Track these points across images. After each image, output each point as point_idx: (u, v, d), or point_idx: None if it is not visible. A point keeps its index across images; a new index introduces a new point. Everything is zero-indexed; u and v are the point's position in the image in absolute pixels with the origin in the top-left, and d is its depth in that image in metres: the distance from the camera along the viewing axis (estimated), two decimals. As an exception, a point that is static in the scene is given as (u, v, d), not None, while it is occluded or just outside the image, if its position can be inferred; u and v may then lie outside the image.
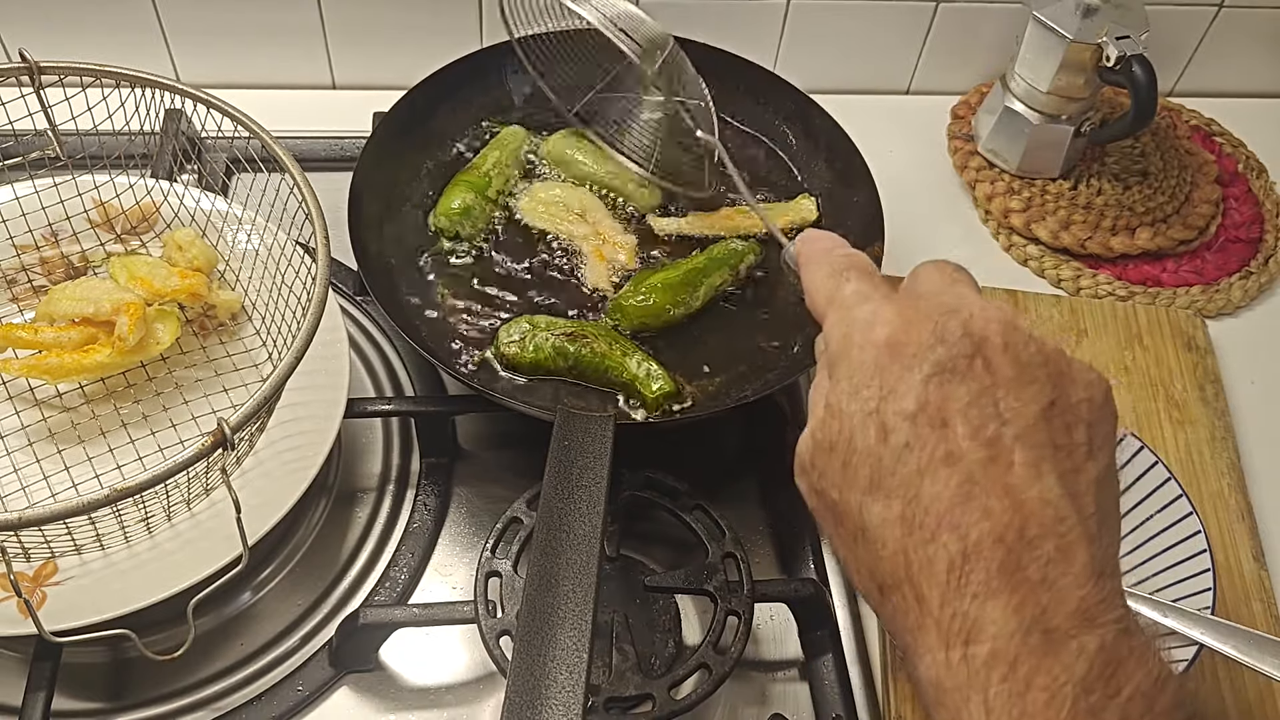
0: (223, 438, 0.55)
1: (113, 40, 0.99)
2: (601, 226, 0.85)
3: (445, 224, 0.83)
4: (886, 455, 0.41)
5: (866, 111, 0.96)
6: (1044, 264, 0.98)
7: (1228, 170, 1.06)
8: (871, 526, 0.42)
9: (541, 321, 0.77)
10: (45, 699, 0.64)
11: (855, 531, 0.43)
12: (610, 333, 0.78)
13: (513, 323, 0.77)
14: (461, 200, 0.84)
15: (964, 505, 0.40)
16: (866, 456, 0.42)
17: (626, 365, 0.76)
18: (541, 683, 0.53)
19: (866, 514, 0.42)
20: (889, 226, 0.82)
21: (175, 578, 0.64)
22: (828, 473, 0.44)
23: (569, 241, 0.85)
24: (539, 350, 0.75)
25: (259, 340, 0.78)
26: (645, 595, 0.69)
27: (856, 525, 0.43)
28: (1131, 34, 0.91)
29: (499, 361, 0.77)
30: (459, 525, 0.78)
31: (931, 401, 0.41)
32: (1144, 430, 0.85)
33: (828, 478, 0.44)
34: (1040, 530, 0.39)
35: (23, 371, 0.71)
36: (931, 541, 0.40)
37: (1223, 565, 0.78)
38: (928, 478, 0.40)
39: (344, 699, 0.70)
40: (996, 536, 0.39)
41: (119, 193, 0.80)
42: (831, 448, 0.43)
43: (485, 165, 0.86)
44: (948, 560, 0.39)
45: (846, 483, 0.43)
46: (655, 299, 0.79)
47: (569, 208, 0.86)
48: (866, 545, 0.42)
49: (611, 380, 0.76)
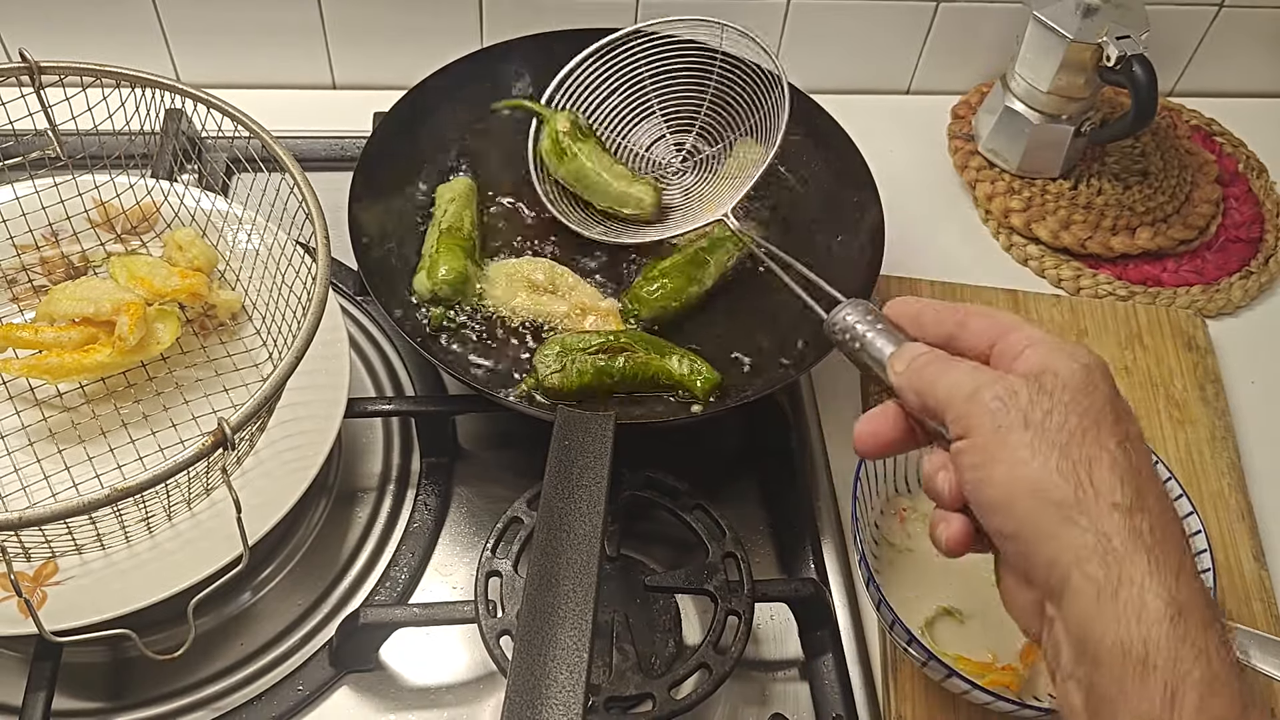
0: (223, 437, 0.55)
1: (113, 40, 0.99)
2: (578, 296, 0.82)
3: (447, 291, 0.79)
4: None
5: (866, 111, 0.96)
6: (1044, 264, 0.98)
7: (1228, 170, 1.06)
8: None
9: (571, 341, 0.76)
10: (45, 699, 0.64)
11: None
12: (643, 337, 0.78)
13: (545, 349, 0.76)
14: (461, 266, 0.80)
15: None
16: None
17: (669, 367, 0.76)
18: (542, 682, 0.53)
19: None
20: (889, 226, 0.82)
21: (175, 577, 0.64)
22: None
23: (551, 322, 0.81)
24: (582, 375, 0.75)
25: (259, 340, 0.78)
26: (645, 595, 0.69)
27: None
28: (1132, 34, 0.91)
29: (543, 394, 0.75)
30: (459, 525, 0.78)
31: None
32: (1144, 430, 0.85)
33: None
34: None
35: (23, 371, 0.71)
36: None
37: (1223, 565, 0.78)
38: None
39: (344, 699, 0.70)
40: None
41: (119, 193, 0.80)
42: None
43: (465, 226, 0.83)
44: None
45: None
46: (669, 283, 0.80)
47: (536, 285, 0.82)
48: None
49: (659, 384, 0.76)
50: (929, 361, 0.50)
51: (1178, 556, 0.43)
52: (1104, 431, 0.45)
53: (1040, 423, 0.45)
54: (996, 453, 0.46)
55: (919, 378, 0.50)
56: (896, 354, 0.52)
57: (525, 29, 0.92)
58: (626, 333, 0.79)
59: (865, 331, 0.54)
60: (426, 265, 0.81)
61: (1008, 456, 0.45)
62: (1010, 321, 0.50)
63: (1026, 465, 0.45)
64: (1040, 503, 0.44)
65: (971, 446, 0.47)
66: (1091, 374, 0.47)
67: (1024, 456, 0.45)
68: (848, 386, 0.87)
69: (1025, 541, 0.45)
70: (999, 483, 0.46)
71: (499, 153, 0.91)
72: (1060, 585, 0.44)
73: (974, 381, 0.48)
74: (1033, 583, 0.46)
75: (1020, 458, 0.45)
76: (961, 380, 0.48)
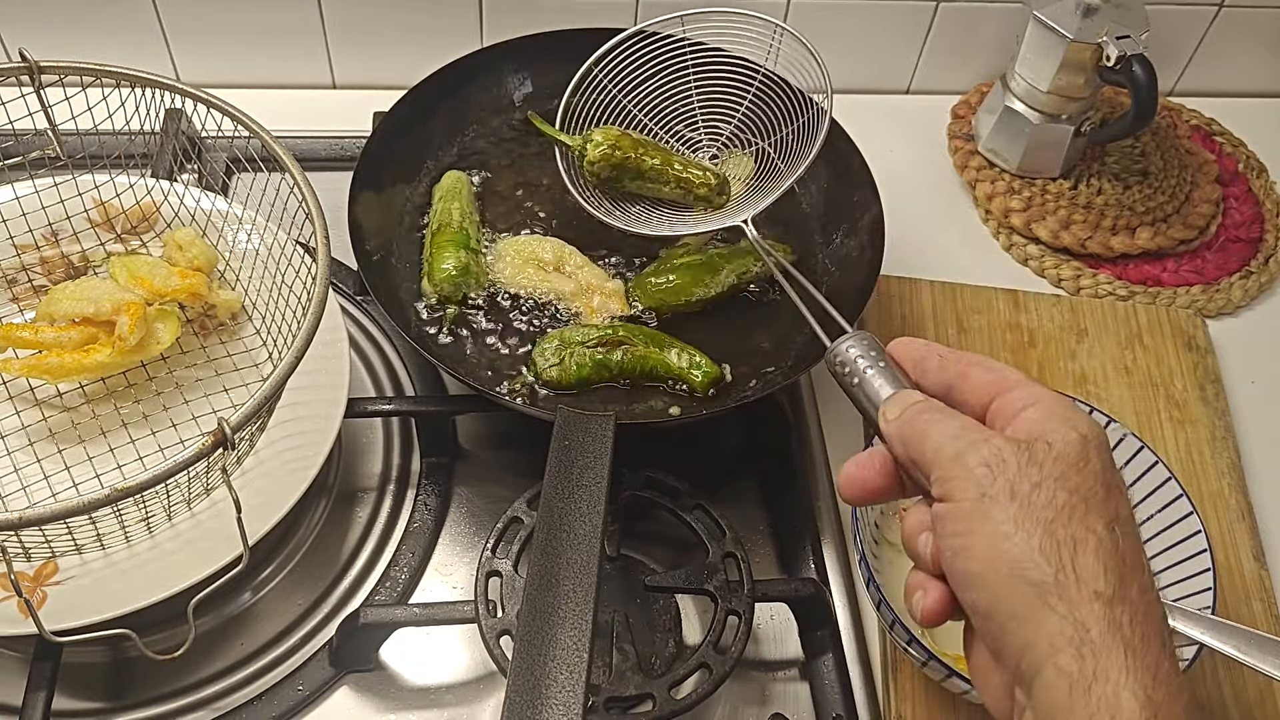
0: (223, 437, 0.55)
1: (113, 40, 0.99)
2: (585, 276, 0.82)
3: (449, 289, 0.80)
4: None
5: (866, 111, 0.96)
6: (1044, 264, 0.98)
7: (1228, 170, 1.06)
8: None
9: (570, 335, 0.77)
10: (45, 699, 0.64)
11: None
12: (643, 330, 0.79)
13: (545, 342, 0.77)
14: (456, 260, 0.80)
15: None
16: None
17: (668, 360, 0.77)
18: (542, 682, 0.53)
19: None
20: (889, 226, 0.82)
21: (175, 577, 0.64)
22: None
23: (558, 301, 0.82)
24: (581, 367, 0.76)
25: (259, 340, 0.78)
26: (645, 595, 0.69)
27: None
28: (1132, 34, 0.91)
29: (542, 385, 0.76)
30: (459, 525, 0.78)
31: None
32: (1144, 430, 0.85)
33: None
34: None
35: (23, 371, 0.71)
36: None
37: (1223, 565, 0.78)
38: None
39: (344, 699, 0.70)
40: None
41: (119, 192, 0.80)
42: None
43: (454, 219, 0.82)
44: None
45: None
46: (676, 279, 0.81)
47: (543, 263, 0.83)
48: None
49: (657, 376, 0.77)
50: (921, 412, 0.48)
51: (1156, 652, 0.42)
52: (1093, 511, 0.43)
53: (1028, 496, 0.43)
54: (978, 524, 0.44)
55: (909, 428, 0.48)
56: (891, 399, 0.50)
57: (525, 29, 0.92)
58: (625, 326, 0.79)
59: (866, 368, 0.51)
60: (426, 271, 0.81)
61: (989, 529, 0.43)
62: (1013, 378, 0.48)
63: (1008, 540, 0.43)
64: (1018, 582, 0.42)
65: (953, 513, 0.45)
66: (1087, 446, 0.45)
67: (1006, 530, 0.43)
68: (848, 386, 0.87)
69: (999, 622, 0.43)
70: (977, 556, 0.44)
71: (500, 152, 0.91)
72: (1032, 673, 0.42)
73: (962, 441, 0.45)
74: (1004, 664, 0.44)
75: (1002, 531, 0.43)
76: (950, 438, 0.46)
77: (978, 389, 0.48)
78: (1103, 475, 0.44)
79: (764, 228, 0.88)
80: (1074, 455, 0.44)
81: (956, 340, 0.90)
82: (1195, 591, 0.68)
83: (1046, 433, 0.45)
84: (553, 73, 0.89)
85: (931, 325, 0.90)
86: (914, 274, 0.93)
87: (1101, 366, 0.89)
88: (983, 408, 0.48)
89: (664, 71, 0.87)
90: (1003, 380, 0.48)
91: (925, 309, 0.91)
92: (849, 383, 0.52)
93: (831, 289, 0.83)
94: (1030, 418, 0.46)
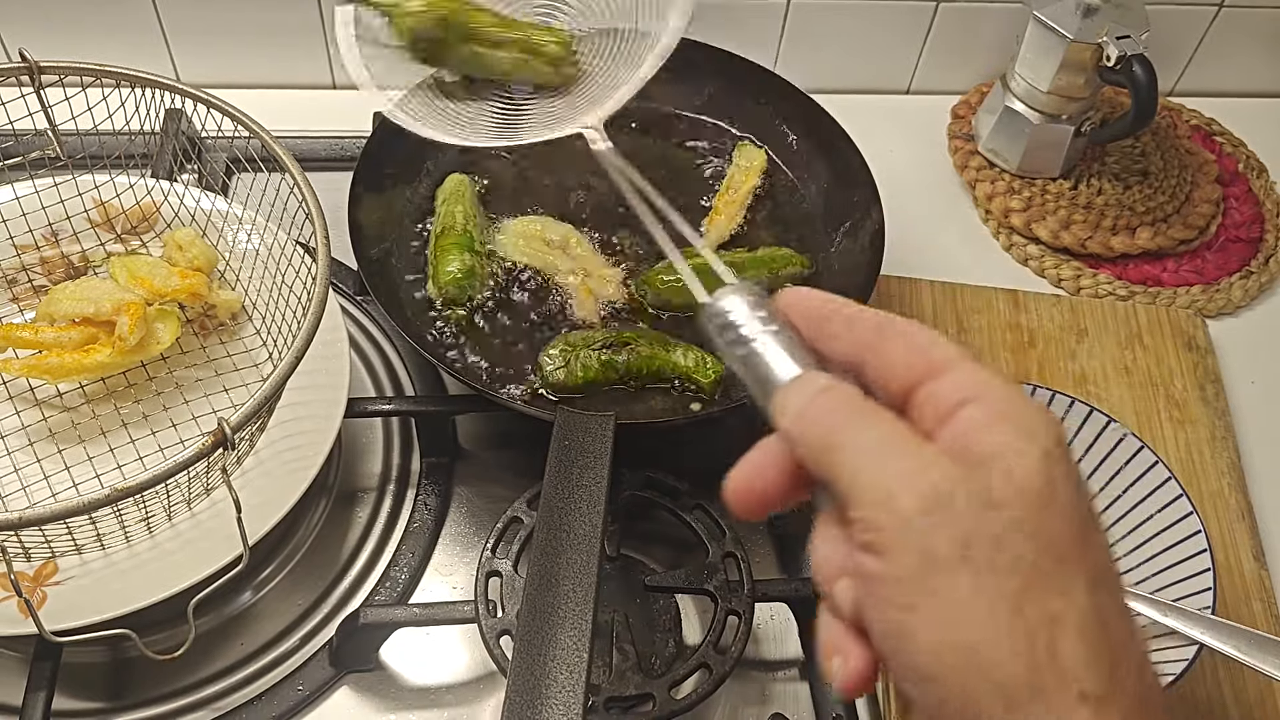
0: (223, 437, 0.55)
1: (113, 40, 0.99)
2: (585, 261, 0.83)
3: (454, 292, 0.79)
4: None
5: (866, 111, 0.96)
6: (1044, 264, 0.98)
7: (1228, 170, 1.06)
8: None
9: (576, 339, 0.77)
10: (45, 699, 0.64)
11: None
12: (648, 332, 0.79)
13: (550, 347, 0.77)
14: (460, 263, 0.80)
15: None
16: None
17: (675, 360, 0.77)
18: (541, 682, 0.53)
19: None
20: (889, 226, 0.82)
21: (175, 577, 0.64)
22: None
23: (553, 277, 0.82)
24: (587, 370, 0.76)
25: (259, 340, 0.78)
26: (645, 595, 0.69)
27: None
28: (1132, 34, 0.91)
29: (548, 389, 0.76)
30: (459, 525, 0.78)
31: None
32: (1144, 430, 0.85)
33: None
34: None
35: (23, 371, 0.71)
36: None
37: (1223, 565, 0.78)
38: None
39: (344, 699, 0.70)
40: None
41: (119, 193, 0.80)
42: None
43: (457, 222, 0.82)
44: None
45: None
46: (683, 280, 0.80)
47: (548, 241, 0.84)
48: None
49: (664, 376, 0.77)
50: (829, 409, 0.35)
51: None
52: (1070, 567, 0.32)
53: (987, 557, 0.32)
54: (919, 597, 0.32)
55: (813, 431, 0.35)
56: (789, 387, 0.37)
57: (525, 29, 0.92)
58: (631, 331, 0.79)
59: (753, 337, 0.38)
60: (431, 274, 0.81)
61: (936, 606, 0.32)
62: (941, 355, 0.35)
63: (965, 624, 0.32)
64: (981, 683, 0.31)
65: (887, 577, 0.33)
66: (1052, 465, 0.33)
67: (961, 608, 0.32)
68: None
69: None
70: (922, 642, 0.32)
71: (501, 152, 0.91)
72: None
73: (890, 467, 0.33)
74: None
75: (956, 612, 0.32)
76: (871, 456, 0.34)
77: (897, 368, 0.36)
78: (1076, 510, 0.33)
79: (764, 229, 0.88)
80: (1038, 485, 0.32)
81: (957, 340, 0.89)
82: (1195, 591, 0.68)
83: (1001, 450, 0.33)
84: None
85: (931, 325, 0.89)
86: (914, 274, 0.93)
87: (1101, 366, 0.89)
88: (904, 392, 0.36)
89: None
90: (929, 357, 0.35)
91: (925, 309, 0.91)
92: (733, 354, 0.39)
93: (831, 289, 0.83)
94: (972, 421, 0.34)
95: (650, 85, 0.94)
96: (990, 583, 0.32)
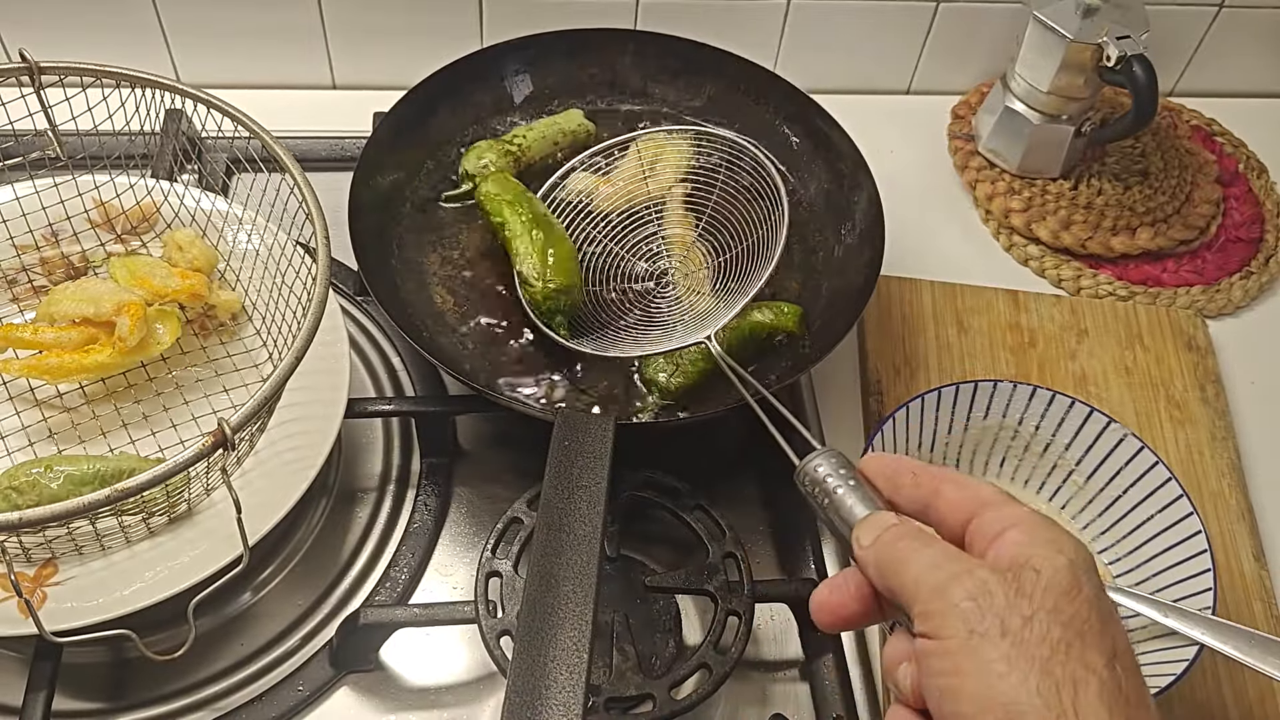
0: (223, 438, 0.55)
1: (113, 40, 0.99)
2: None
3: (568, 292, 0.77)
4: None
5: (866, 111, 0.96)
6: (1044, 264, 0.98)
7: (1228, 170, 1.06)
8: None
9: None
10: (45, 699, 0.64)
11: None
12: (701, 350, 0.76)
13: (650, 361, 0.77)
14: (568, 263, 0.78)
15: None
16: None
17: (758, 320, 0.78)
18: (541, 683, 0.53)
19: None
20: (889, 226, 0.82)
21: (175, 578, 0.64)
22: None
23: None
24: (695, 363, 0.76)
25: (259, 340, 0.78)
26: (645, 595, 0.69)
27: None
28: (1132, 34, 0.91)
29: (671, 397, 0.77)
30: (459, 525, 0.78)
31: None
32: (1144, 430, 0.85)
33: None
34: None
35: (23, 371, 0.71)
36: None
37: (1223, 565, 0.78)
38: None
39: (344, 699, 0.70)
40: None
41: (119, 193, 0.80)
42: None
43: (539, 212, 0.80)
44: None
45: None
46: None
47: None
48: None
49: (757, 340, 0.79)
50: (897, 538, 0.45)
51: None
52: (1090, 646, 0.40)
53: (1019, 631, 0.40)
54: (967, 664, 0.41)
55: (885, 555, 0.45)
56: (864, 523, 0.47)
57: (525, 29, 0.92)
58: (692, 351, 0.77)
59: (836, 487, 0.49)
60: (537, 271, 0.77)
61: (980, 669, 0.40)
62: (987, 496, 0.46)
63: (1003, 682, 0.40)
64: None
65: (939, 651, 0.42)
66: (1076, 573, 0.42)
67: (999, 671, 0.40)
68: (848, 386, 0.87)
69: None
70: (968, 698, 0.40)
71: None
72: None
73: (944, 573, 0.43)
74: None
75: (995, 672, 0.40)
76: (930, 568, 0.43)
77: (954, 507, 0.46)
78: (1096, 604, 0.42)
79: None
80: (1064, 583, 0.41)
81: (957, 340, 0.90)
82: (1195, 592, 0.68)
83: (1032, 559, 0.42)
84: (553, 73, 0.90)
85: (932, 325, 0.90)
86: (914, 274, 0.93)
87: (1101, 366, 0.89)
88: (960, 527, 0.46)
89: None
90: (978, 498, 0.46)
91: (925, 309, 0.91)
92: (819, 503, 0.50)
93: (832, 289, 0.83)
94: (1013, 541, 0.43)
95: (652, 86, 0.95)
96: (1022, 651, 0.40)
